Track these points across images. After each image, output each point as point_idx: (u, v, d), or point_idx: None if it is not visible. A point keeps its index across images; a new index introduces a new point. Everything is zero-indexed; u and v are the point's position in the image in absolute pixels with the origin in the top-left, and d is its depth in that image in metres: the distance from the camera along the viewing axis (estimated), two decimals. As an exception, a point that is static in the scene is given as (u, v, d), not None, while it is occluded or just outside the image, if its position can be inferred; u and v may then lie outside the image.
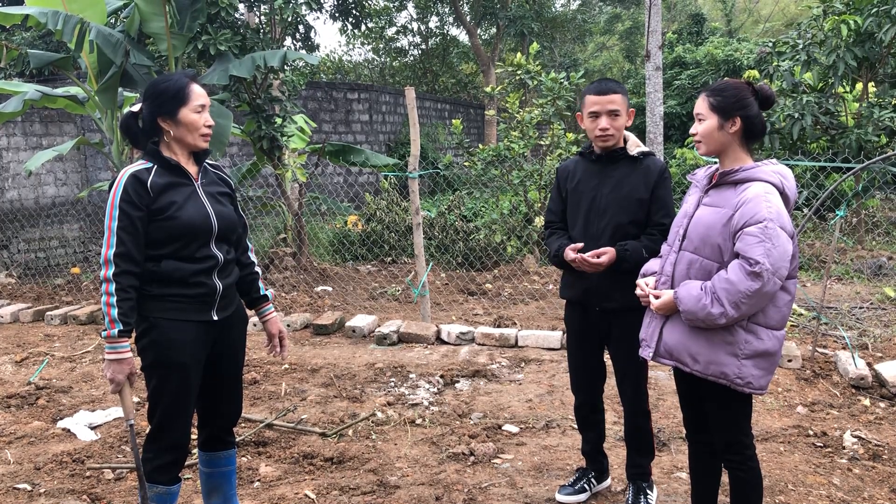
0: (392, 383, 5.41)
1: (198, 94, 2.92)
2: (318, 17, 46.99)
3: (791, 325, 6.43)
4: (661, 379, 5.38)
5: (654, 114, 9.64)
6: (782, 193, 2.69)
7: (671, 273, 2.89)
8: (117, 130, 7.58)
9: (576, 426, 4.40)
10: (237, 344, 3.20)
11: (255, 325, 6.88)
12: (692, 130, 2.86)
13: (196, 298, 2.93)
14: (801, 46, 9.55)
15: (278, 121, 8.48)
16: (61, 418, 4.74)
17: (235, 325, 3.15)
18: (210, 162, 3.18)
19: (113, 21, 7.67)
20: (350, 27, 19.07)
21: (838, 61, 9.04)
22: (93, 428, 4.57)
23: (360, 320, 6.79)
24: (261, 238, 9.90)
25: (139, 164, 2.91)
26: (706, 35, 22.54)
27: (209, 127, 2.98)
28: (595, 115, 3.30)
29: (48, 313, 7.47)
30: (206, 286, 2.94)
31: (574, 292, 3.50)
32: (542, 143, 9.09)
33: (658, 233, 3.27)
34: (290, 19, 8.10)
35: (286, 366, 5.84)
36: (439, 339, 6.44)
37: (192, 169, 3.00)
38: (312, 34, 17.50)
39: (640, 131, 11.41)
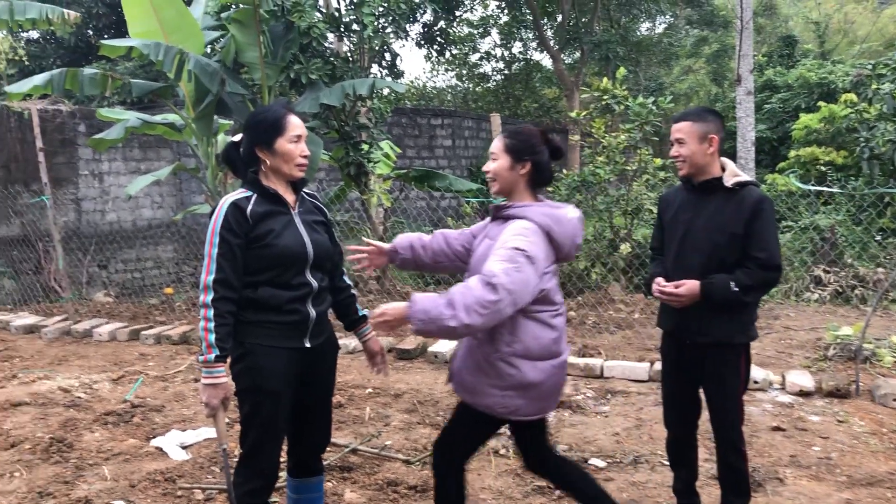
0: (475, 411, 5.36)
1: (294, 124, 2.97)
2: (403, 45, 47.92)
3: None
4: (754, 414, 5.18)
5: (746, 139, 9.40)
6: (549, 235, 2.80)
7: None
8: (212, 156, 7.85)
9: (665, 462, 4.28)
10: (328, 371, 3.23)
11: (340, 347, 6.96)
12: (485, 168, 2.99)
13: (290, 325, 2.97)
14: (903, 69, 9.16)
15: (365, 147, 8.63)
16: (154, 437, 4.87)
17: (327, 352, 3.18)
18: (307, 191, 3.24)
19: (210, 51, 7.97)
20: (435, 54, 19.31)
21: (944, 84, 8.62)
22: (184, 447, 4.69)
23: (443, 346, 6.79)
24: (346, 262, 10.03)
25: (239, 193, 2.98)
26: (798, 57, 21.89)
27: (305, 157, 3.02)
28: (671, 143, 3.33)
29: (143, 332, 7.74)
30: (300, 313, 2.98)
31: (668, 323, 3.44)
32: (629, 168, 8.96)
33: (754, 266, 3.16)
34: (377, 48, 8.24)
35: (370, 390, 5.87)
36: (523, 368, 6.36)
37: (289, 198, 3.05)
38: (398, 62, 17.85)
39: (731, 156, 11.13)
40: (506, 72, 25.20)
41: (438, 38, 18.85)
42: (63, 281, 8.51)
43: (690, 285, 3.18)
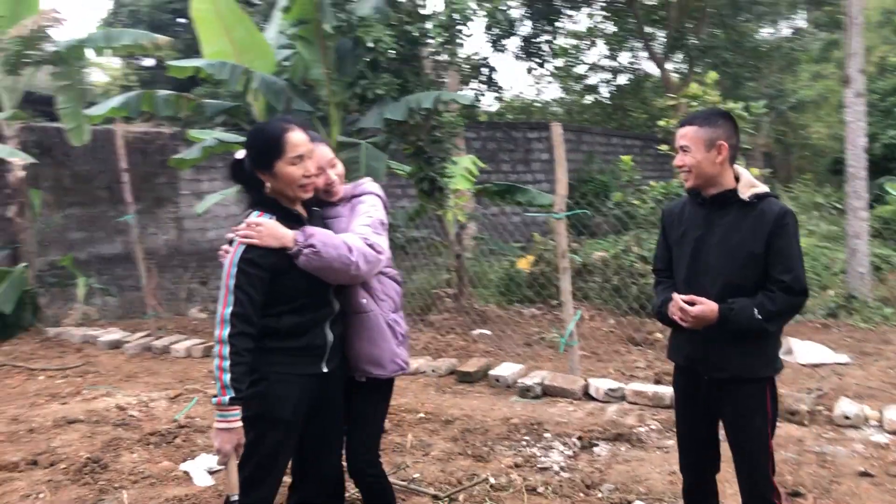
0: (524, 442, 5.00)
1: (294, 143, 2.75)
2: (502, 59, 47.78)
3: None
4: (840, 456, 4.56)
5: (855, 145, 8.58)
6: (384, 205, 3.13)
7: None
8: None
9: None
10: (339, 398, 3.04)
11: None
12: (338, 173, 3.08)
13: (308, 350, 2.82)
14: None
15: (444, 163, 8.40)
16: (186, 460, 4.79)
17: (339, 377, 3.01)
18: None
19: (281, 69, 7.97)
20: (536, 67, 18.96)
21: None
22: (211, 473, 4.57)
23: (505, 369, 6.44)
24: (423, 279, 9.85)
25: (258, 217, 2.80)
26: (940, 56, 20.11)
27: (309, 177, 2.80)
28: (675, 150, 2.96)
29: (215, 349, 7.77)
30: (319, 337, 2.84)
31: (681, 356, 3.04)
32: (721, 179, 8.31)
33: (778, 290, 2.76)
34: (449, 60, 8.03)
35: (421, 415, 5.60)
36: (587, 395, 5.93)
37: (303, 214, 2.93)
38: (495, 76, 17.69)
39: (840, 164, 10.20)
40: (614, 82, 24.47)
41: (540, 51, 18.47)
42: (148, 297, 8.72)
43: (706, 308, 2.78)
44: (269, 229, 2.70)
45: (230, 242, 2.77)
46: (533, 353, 7.57)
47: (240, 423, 2.66)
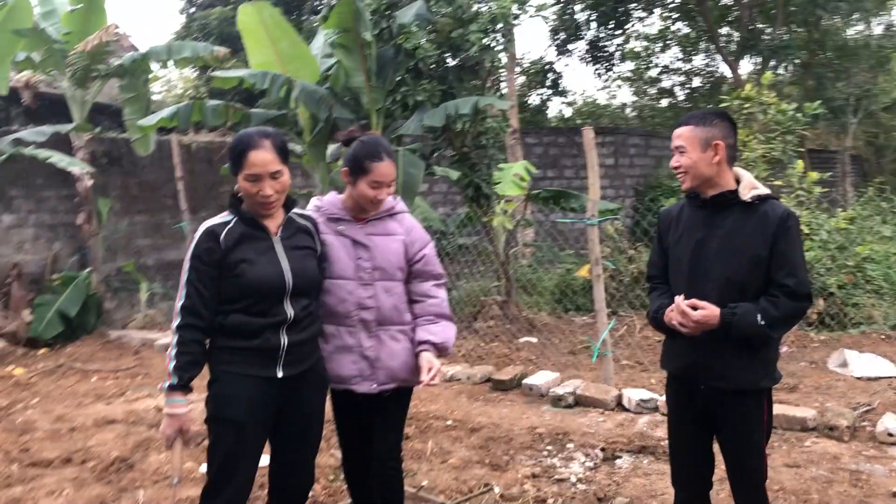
0: (546, 452, 4.90)
1: (252, 162, 2.74)
2: (567, 65, 47.28)
3: None
4: (876, 474, 4.31)
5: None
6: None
7: (375, 305, 3.08)
8: (327, 181, 7.95)
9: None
10: (308, 407, 3.00)
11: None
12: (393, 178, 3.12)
13: (258, 352, 2.83)
14: None
15: (489, 169, 8.35)
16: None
17: (308, 385, 2.97)
18: (298, 211, 3.05)
19: (325, 78, 8.09)
20: (604, 71, 18.68)
21: None
22: (228, 474, 4.63)
23: (540, 378, 6.33)
24: (472, 286, 9.80)
25: (218, 218, 2.90)
26: None
27: (266, 197, 2.79)
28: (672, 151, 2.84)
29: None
30: (270, 340, 2.83)
31: (676, 365, 2.93)
32: (777, 182, 7.99)
33: (782, 294, 2.65)
34: (489, 65, 7.98)
35: (449, 422, 5.56)
36: (620, 405, 5.77)
37: (272, 222, 2.89)
38: (561, 81, 17.51)
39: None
40: (689, 85, 23.84)
41: (609, 55, 18.19)
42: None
43: (709, 312, 2.68)
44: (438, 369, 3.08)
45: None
46: (576, 361, 7.43)
47: (183, 410, 2.81)
